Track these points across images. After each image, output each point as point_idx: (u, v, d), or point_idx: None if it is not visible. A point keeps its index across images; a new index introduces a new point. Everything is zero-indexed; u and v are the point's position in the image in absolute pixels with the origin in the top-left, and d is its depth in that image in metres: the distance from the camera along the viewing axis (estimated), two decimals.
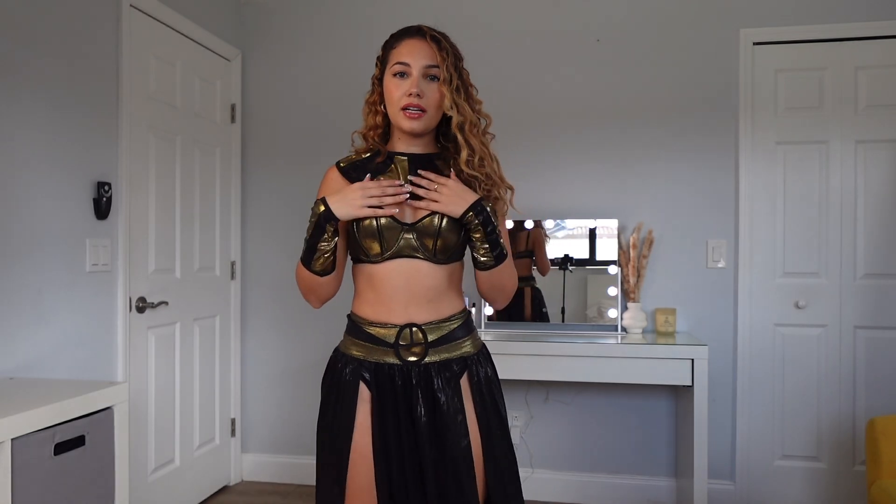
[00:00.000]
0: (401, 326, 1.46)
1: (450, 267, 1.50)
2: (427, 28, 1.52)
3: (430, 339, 1.46)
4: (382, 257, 1.46)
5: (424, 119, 1.47)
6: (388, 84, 1.49)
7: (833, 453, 3.05)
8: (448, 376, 1.45)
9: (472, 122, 1.47)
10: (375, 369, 1.47)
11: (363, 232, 1.46)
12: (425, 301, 1.47)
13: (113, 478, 1.89)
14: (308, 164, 3.45)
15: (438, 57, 1.46)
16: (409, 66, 1.47)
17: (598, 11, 3.22)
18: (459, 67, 1.50)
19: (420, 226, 1.45)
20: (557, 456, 3.25)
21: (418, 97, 1.44)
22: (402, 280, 1.46)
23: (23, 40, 2.15)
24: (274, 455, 3.48)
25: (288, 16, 3.48)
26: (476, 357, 1.52)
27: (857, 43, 3.03)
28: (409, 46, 1.49)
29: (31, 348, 2.18)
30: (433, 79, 1.47)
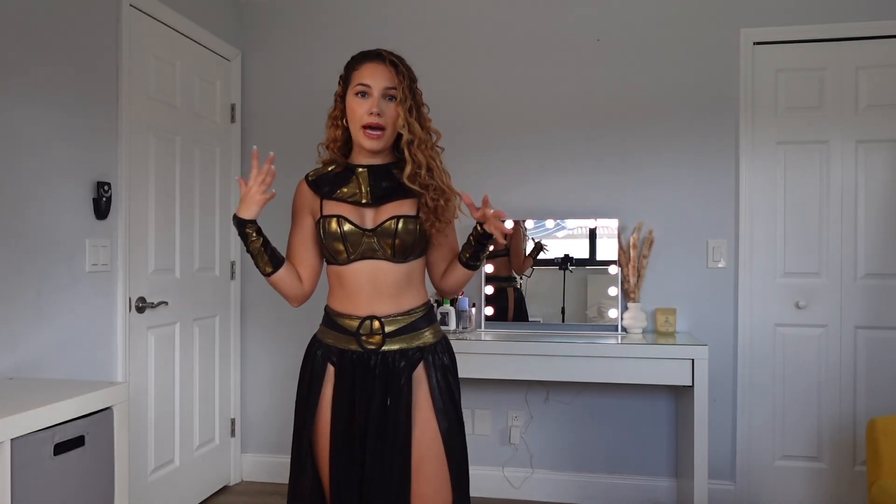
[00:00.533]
0: (362, 318, 1.65)
1: (409, 265, 1.68)
2: (386, 52, 1.68)
3: (387, 330, 1.64)
4: (349, 259, 1.65)
5: (384, 138, 1.65)
6: (351, 102, 1.66)
7: (833, 453, 3.05)
8: (403, 365, 1.64)
9: (420, 138, 1.64)
10: (340, 354, 1.67)
11: (329, 237, 1.66)
12: (387, 296, 1.65)
13: (113, 478, 1.89)
14: (308, 164, 3.42)
15: (396, 79, 1.64)
16: (371, 87, 1.64)
17: (598, 11, 3.22)
18: (413, 88, 1.67)
19: (380, 230, 1.64)
20: (557, 456, 3.25)
21: (378, 116, 1.62)
22: (366, 278, 1.65)
23: (23, 40, 2.15)
24: (273, 455, 3.48)
25: (288, 16, 3.48)
26: (434, 347, 1.69)
27: (857, 43, 3.03)
28: (371, 69, 1.65)
29: (30, 348, 2.18)
30: (391, 98, 1.64)
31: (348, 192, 1.68)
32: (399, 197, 1.67)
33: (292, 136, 3.47)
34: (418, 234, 1.65)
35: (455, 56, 3.33)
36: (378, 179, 1.68)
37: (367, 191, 1.67)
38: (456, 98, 3.31)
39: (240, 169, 3.47)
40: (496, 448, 3.29)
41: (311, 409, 1.68)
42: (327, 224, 1.66)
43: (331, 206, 1.69)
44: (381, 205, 1.66)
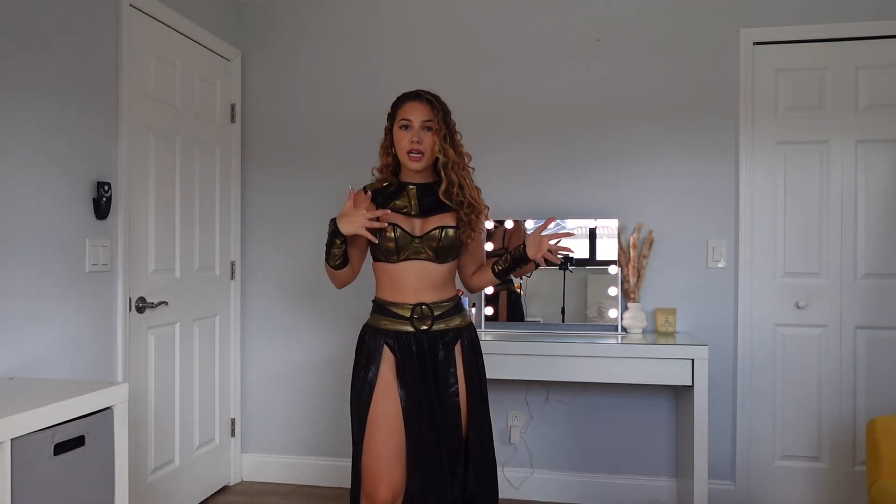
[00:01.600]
0: (414, 305, 2.03)
1: (447, 265, 2.07)
2: (424, 92, 2.07)
3: (435, 314, 2.03)
4: (399, 259, 2.02)
5: (423, 160, 2.03)
6: (397, 135, 2.05)
7: (833, 453, 3.05)
8: (447, 340, 2.04)
9: (453, 161, 2.02)
10: (396, 336, 2.02)
11: (385, 240, 2.01)
12: (430, 288, 2.04)
13: (113, 478, 1.89)
14: (308, 164, 3.45)
15: (432, 114, 2.02)
16: (412, 122, 2.02)
17: (598, 11, 3.22)
18: (448, 120, 2.05)
19: (426, 237, 2.02)
20: (557, 456, 3.25)
21: (418, 143, 2.00)
22: (413, 274, 2.03)
23: (22, 40, 2.15)
24: (274, 455, 3.48)
25: (288, 16, 3.48)
26: (466, 329, 2.10)
27: (857, 43, 3.03)
28: (412, 107, 2.04)
29: (30, 348, 2.18)
30: (429, 129, 2.02)
31: (401, 204, 2.05)
32: (441, 210, 2.05)
33: (292, 135, 3.48)
34: (456, 242, 2.04)
35: (455, 56, 3.33)
36: (424, 195, 2.06)
37: (415, 204, 2.05)
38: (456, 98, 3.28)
39: (240, 169, 3.47)
40: (496, 448, 3.27)
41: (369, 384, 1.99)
42: (384, 230, 1.99)
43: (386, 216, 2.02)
44: (427, 216, 2.04)
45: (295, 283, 3.46)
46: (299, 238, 3.44)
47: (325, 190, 3.41)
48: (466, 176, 2.05)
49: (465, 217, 2.03)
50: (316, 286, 3.39)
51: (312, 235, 3.43)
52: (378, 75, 3.39)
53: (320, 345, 3.41)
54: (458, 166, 2.02)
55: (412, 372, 1.99)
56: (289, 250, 3.46)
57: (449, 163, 2.01)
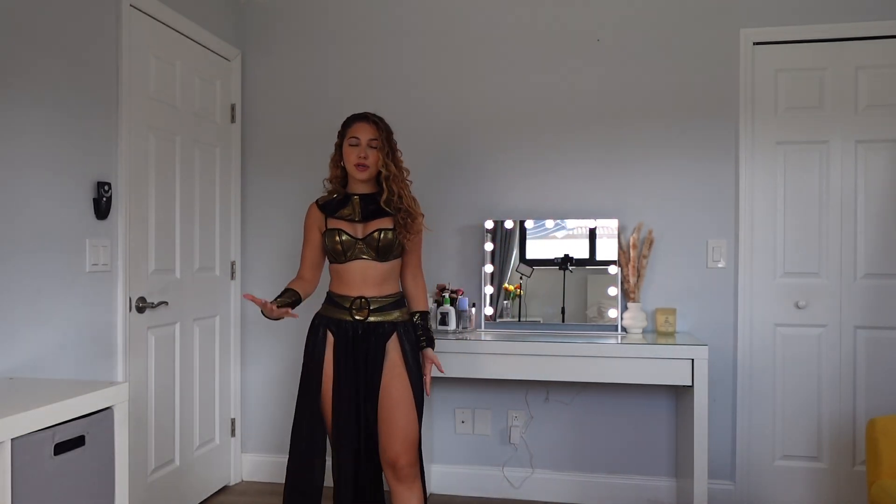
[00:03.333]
0: (354, 297, 2.32)
1: (389, 264, 2.35)
2: (371, 115, 2.38)
3: (372, 307, 2.31)
4: (345, 259, 2.33)
5: (368, 171, 2.34)
6: (346, 150, 2.35)
7: (833, 453, 3.05)
8: (381, 332, 2.31)
9: (394, 175, 2.33)
10: (337, 324, 2.33)
11: (332, 244, 2.33)
12: (372, 284, 2.33)
13: (113, 478, 1.89)
14: (307, 165, 3.45)
15: (377, 133, 2.34)
16: (360, 139, 2.33)
17: (598, 11, 3.22)
18: (390, 139, 2.37)
19: (368, 238, 2.31)
20: (557, 456, 3.25)
21: (365, 159, 2.32)
22: (358, 272, 2.32)
23: (22, 40, 2.15)
24: (274, 455, 3.48)
25: (288, 16, 3.48)
26: (404, 324, 2.35)
27: (857, 43, 3.03)
28: (360, 127, 2.34)
29: (30, 348, 2.18)
30: (373, 147, 2.33)
31: (346, 212, 2.36)
32: (381, 216, 2.34)
33: (292, 135, 3.48)
34: (394, 242, 2.32)
35: (455, 56, 3.33)
36: (367, 204, 2.36)
37: (358, 211, 2.36)
38: (456, 99, 3.31)
39: (240, 169, 3.47)
40: (496, 448, 3.30)
41: (316, 367, 2.31)
42: (331, 235, 2.33)
43: (333, 222, 2.35)
44: (368, 221, 2.34)
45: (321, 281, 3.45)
46: (299, 238, 3.40)
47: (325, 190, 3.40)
48: (405, 187, 2.37)
49: (402, 221, 2.32)
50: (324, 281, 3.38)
51: None
52: (378, 75, 3.39)
53: None
54: (398, 179, 2.34)
55: (346, 354, 2.29)
56: (289, 250, 3.45)
57: (390, 175, 2.32)
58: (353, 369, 2.29)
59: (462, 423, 3.32)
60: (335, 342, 2.31)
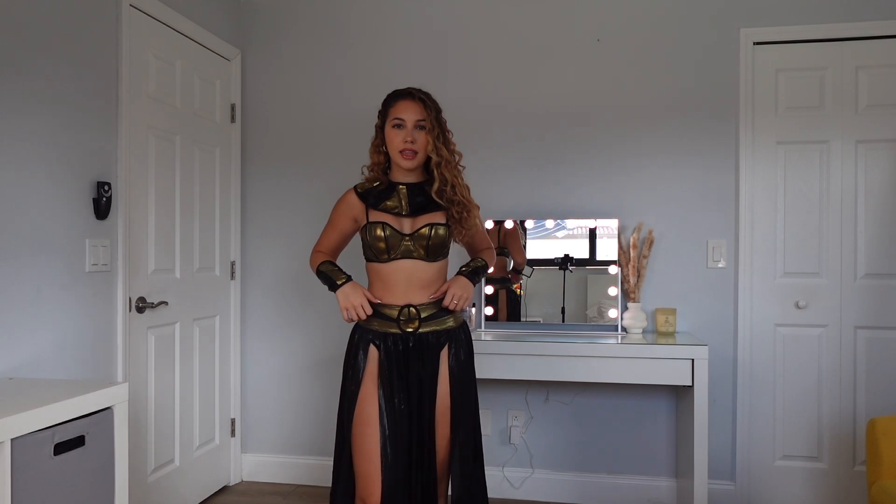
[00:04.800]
0: (402, 306, 2.04)
1: (438, 263, 2.09)
2: (417, 91, 2.08)
3: (422, 316, 2.05)
4: (389, 258, 2.04)
5: (416, 159, 2.05)
6: (389, 133, 2.06)
7: (833, 453, 3.05)
8: (434, 343, 2.05)
9: (446, 160, 2.04)
10: (383, 337, 2.05)
11: (375, 240, 2.03)
12: (419, 288, 2.05)
13: (113, 478, 1.89)
14: (308, 164, 3.45)
15: (425, 113, 2.04)
16: (405, 121, 2.04)
17: (598, 11, 3.22)
18: (440, 119, 2.07)
19: (416, 235, 2.04)
20: (557, 456, 3.25)
21: (412, 143, 2.02)
22: (403, 274, 2.04)
23: (22, 39, 2.15)
24: (274, 455, 3.48)
25: (288, 16, 3.48)
26: (456, 331, 2.11)
27: (857, 42, 3.03)
28: (404, 105, 2.05)
29: (30, 348, 2.18)
30: (421, 128, 2.04)
31: (391, 204, 2.07)
32: (432, 209, 2.07)
33: (292, 135, 3.48)
34: (446, 239, 2.06)
35: (455, 57, 3.33)
36: (414, 195, 2.08)
37: (405, 204, 2.07)
38: (456, 99, 3.31)
39: (239, 169, 3.47)
40: (496, 448, 3.29)
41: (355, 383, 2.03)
42: (373, 229, 2.03)
43: (376, 215, 2.07)
44: (417, 215, 2.06)
45: (295, 282, 3.46)
46: (299, 238, 3.44)
47: (325, 190, 3.40)
48: (458, 175, 2.07)
49: (455, 215, 2.05)
50: (316, 286, 3.38)
51: (312, 235, 3.42)
52: (378, 75, 3.39)
53: (320, 344, 3.41)
54: (450, 165, 2.04)
55: (395, 374, 2.01)
56: (289, 250, 3.45)
57: (442, 162, 2.02)
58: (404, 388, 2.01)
59: None
60: (381, 360, 2.03)
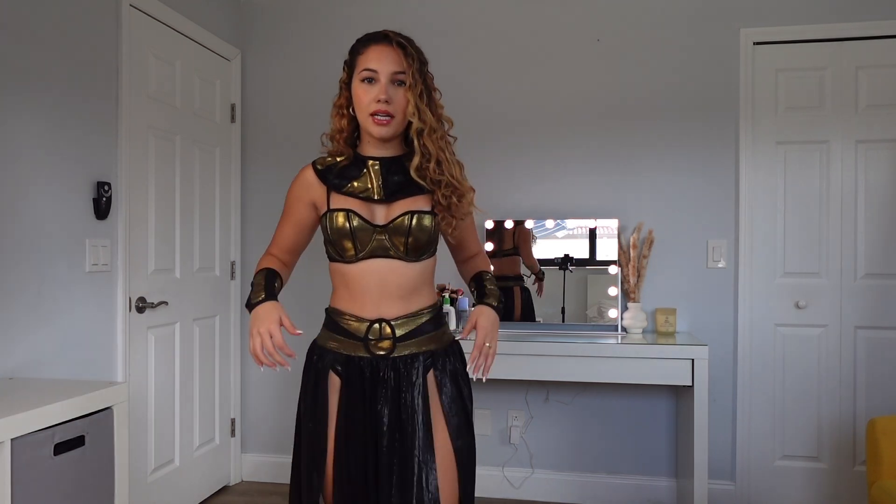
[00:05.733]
0: (371, 321, 1.54)
1: (422, 264, 1.58)
2: (393, 33, 1.55)
3: (398, 335, 1.54)
4: (357, 257, 1.54)
5: (393, 125, 1.53)
6: (357, 89, 1.54)
7: (833, 453, 3.05)
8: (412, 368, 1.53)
9: (431, 127, 1.52)
10: (347, 362, 1.56)
11: (337, 233, 1.53)
12: (396, 297, 1.55)
13: (113, 478, 1.89)
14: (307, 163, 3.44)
15: (405, 63, 1.51)
16: (377, 73, 1.51)
17: (598, 11, 3.22)
18: (424, 72, 1.55)
19: (391, 226, 1.52)
20: (557, 456, 3.25)
21: (386, 103, 1.50)
22: (375, 279, 1.54)
23: (22, 39, 2.15)
24: (274, 455, 3.48)
25: (287, 16, 3.48)
26: (444, 351, 1.59)
27: (857, 43, 3.03)
28: (377, 52, 1.53)
29: (30, 348, 2.18)
30: (400, 84, 1.52)
31: (359, 186, 1.56)
32: (413, 192, 1.55)
33: (292, 135, 3.48)
34: (433, 232, 1.55)
35: (454, 56, 3.33)
36: (390, 173, 1.56)
37: (379, 185, 1.55)
38: (455, 99, 3.29)
39: (239, 169, 3.47)
40: (496, 448, 3.29)
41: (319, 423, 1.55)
42: (334, 218, 1.53)
43: (339, 199, 1.56)
44: (394, 200, 1.55)
45: (294, 283, 3.44)
46: None
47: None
48: (446, 147, 1.55)
49: (443, 200, 1.53)
50: (316, 286, 3.38)
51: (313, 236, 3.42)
52: None
53: None
54: (436, 135, 1.52)
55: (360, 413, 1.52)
56: None
57: (425, 129, 1.51)
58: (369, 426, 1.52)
59: None
60: (343, 390, 1.55)
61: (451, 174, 1.54)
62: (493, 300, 1.64)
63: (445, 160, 1.54)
